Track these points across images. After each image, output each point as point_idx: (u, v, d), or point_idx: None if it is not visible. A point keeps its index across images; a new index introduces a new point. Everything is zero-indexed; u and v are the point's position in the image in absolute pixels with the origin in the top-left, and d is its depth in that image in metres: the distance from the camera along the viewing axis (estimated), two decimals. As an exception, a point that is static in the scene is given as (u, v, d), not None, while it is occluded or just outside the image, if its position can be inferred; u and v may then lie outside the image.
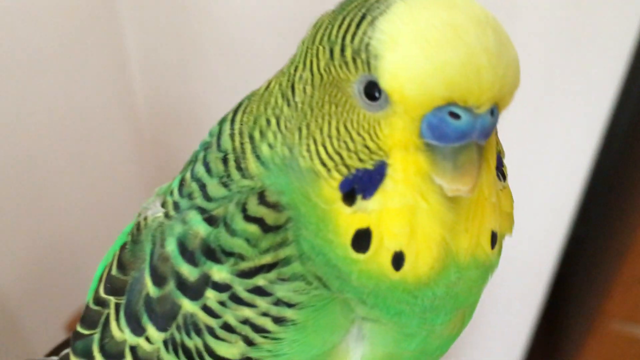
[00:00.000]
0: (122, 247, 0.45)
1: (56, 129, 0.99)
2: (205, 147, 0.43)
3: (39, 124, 0.97)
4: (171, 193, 0.43)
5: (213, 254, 0.39)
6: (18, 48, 0.90)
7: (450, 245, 0.36)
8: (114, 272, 0.44)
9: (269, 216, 0.38)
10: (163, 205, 0.44)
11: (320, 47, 0.36)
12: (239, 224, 0.39)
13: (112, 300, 0.45)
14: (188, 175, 0.43)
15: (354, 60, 0.34)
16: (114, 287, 0.44)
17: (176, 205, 0.42)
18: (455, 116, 0.33)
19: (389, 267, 0.36)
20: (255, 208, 0.38)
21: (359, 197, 0.36)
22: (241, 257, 0.38)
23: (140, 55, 1.06)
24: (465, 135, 0.33)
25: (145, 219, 0.44)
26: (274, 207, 0.38)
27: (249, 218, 0.38)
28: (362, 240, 0.36)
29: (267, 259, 0.38)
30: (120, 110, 1.09)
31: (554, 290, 1.17)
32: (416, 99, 0.33)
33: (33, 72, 0.93)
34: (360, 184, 0.36)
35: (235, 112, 0.43)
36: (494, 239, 0.38)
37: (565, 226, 1.01)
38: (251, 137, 0.40)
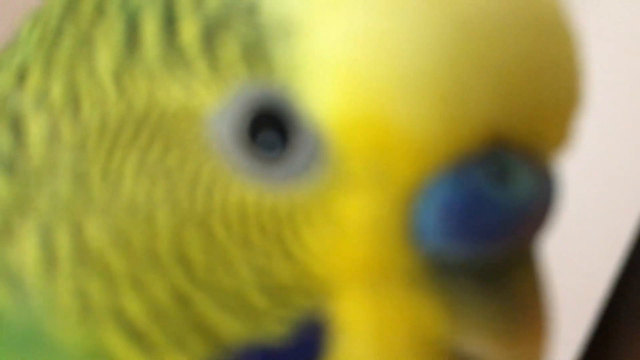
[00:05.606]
0: None
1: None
2: None
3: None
4: None
5: None
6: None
7: None
8: None
9: None
10: None
11: (100, 22, 0.16)
12: None
13: None
14: None
15: (209, 49, 0.15)
16: None
17: None
18: (502, 177, 0.16)
19: None
20: None
21: None
22: None
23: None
24: (522, 223, 0.16)
25: None
26: None
27: None
28: None
29: None
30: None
31: (601, 321, 1.07)
32: (419, 142, 0.15)
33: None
34: None
35: None
36: None
37: (620, 250, 0.95)
38: None
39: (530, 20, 0.15)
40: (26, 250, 0.17)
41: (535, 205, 0.16)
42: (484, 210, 0.15)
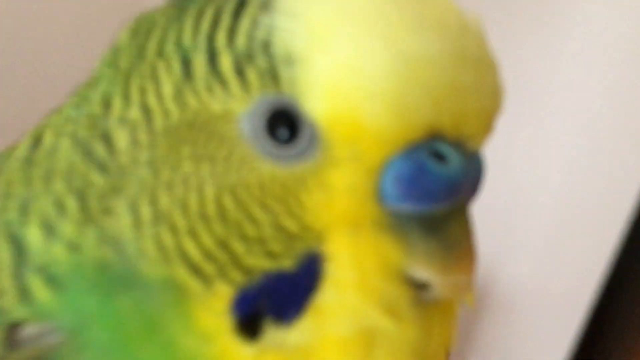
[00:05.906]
0: None
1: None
2: None
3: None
4: None
5: None
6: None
7: None
8: None
9: None
10: None
11: (161, 62, 0.24)
12: None
13: None
14: None
15: (239, 73, 0.22)
16: None
17: None
18: (440, 158, 0.22)
19: None
20: None
21: (269, 324, 0.23)
22: None
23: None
24: (456, 190, 0.22)
25: None
26: None
27: None
28: None
29: None
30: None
31: (590, 324, 1.08)
32: (380, 133, 0.21)
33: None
34: (272, 300, 0.23)
35: None
36: None
37: (609, 255, 0.95)
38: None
39: (459, 54, 0.22)
40: (121, 219, 0.24)
41: (464, 178, 0.22)
42: (425, 180, 0.22)
